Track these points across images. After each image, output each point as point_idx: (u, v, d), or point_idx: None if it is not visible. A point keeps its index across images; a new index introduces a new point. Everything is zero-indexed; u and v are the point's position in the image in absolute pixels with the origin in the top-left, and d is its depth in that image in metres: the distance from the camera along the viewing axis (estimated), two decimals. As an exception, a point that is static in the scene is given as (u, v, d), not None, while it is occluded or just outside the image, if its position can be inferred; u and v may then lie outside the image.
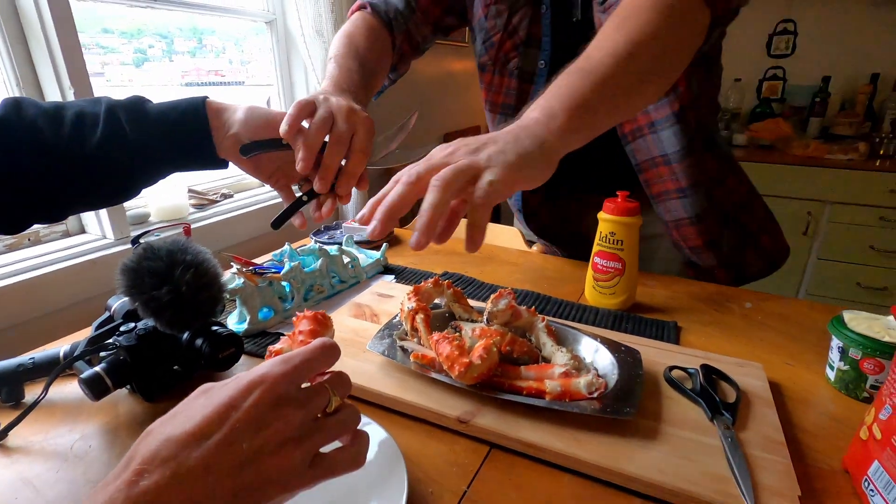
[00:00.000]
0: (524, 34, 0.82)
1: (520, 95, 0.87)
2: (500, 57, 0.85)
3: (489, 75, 0.89)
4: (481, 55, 0.88)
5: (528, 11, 0.80)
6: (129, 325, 0.59)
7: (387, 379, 0.57)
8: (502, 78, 0.87)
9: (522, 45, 0.83)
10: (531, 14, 0.80)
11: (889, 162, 2.02)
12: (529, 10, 0.80)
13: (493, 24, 0.84)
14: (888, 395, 0.41)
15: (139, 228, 1.16)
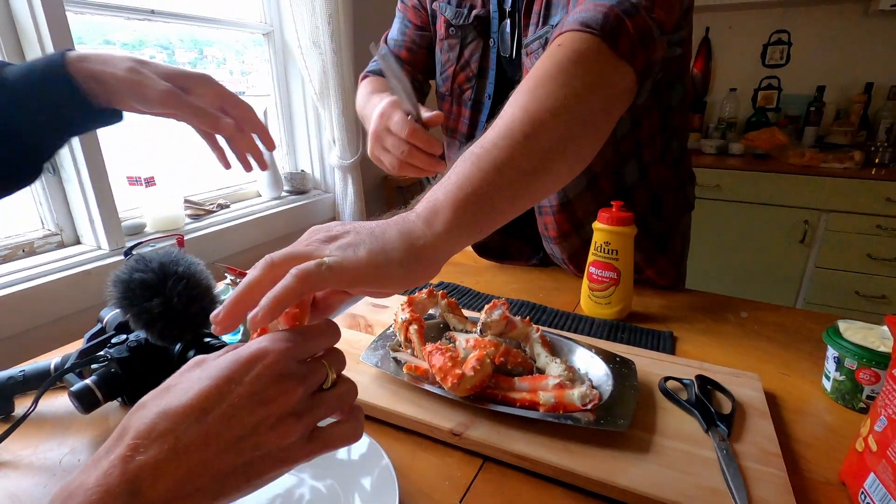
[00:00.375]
0: (476, 67, 0.85)
1: (472, 124, 0.89)
2: (455, 88, 0.89)
3: (447, 104, 0.92)
4: (440, 86, 0.92)
5: (478, 45, 0.83)
6: (121, 336, 0.58)
7: (380, 391, 0.56)
8: (459, 107, 0.90)
9: (475, 77, 0.85)
10: (481, 47, 0.83)
11: (884, 170, 2.03)
12: (480, 43, 0.83)
13: (447, 58, 0.87)
14: (883, 406, 0.41)
15: (134, 239, 1.16)
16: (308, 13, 1.46)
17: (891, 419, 0.40)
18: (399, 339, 0.62)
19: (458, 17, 0.83)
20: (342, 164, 1.70)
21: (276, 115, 1.71)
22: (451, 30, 0.85)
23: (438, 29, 0.87)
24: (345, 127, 1.63)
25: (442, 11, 0.85)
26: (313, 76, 1.54)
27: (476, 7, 0.81)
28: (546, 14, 0.73)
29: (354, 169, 1.73)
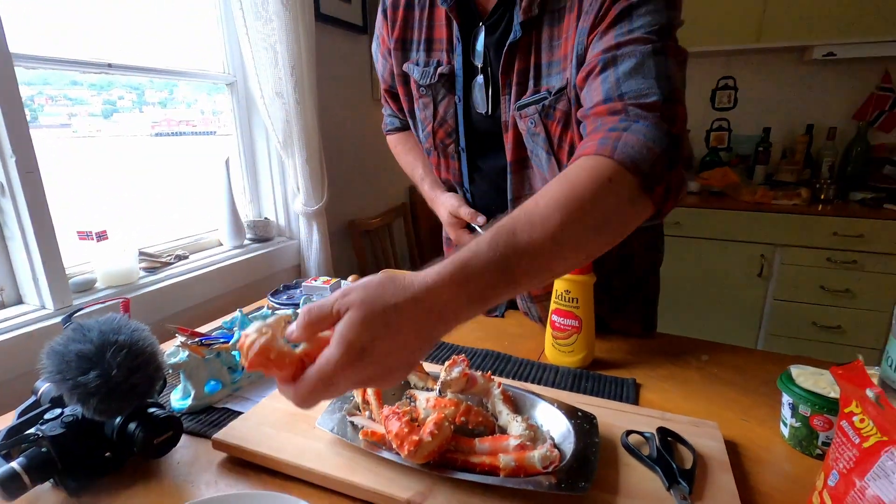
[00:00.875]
0: (452, 122, 0.86)
1: (468, 175, 0.91)
2: (438, 143, 0.90)
3: (434, 158, 0.94)
4: (423, 142, 0.93)
5: (450, 101, 0.85)
6: (56, 411, 0.55)
7: (335, 458, 0.54)
8: (447, 160, 0.92)
9: (454, 131, 0.87)
10: (454, 103, 0.85)
11: (830, 206, 2.14)
12: (451, 99, 0.84)
13: (424, 116, 0.89)
14: (834, 460, 0.41)
15: (83, 296, 1.11)
16: (271, 65, 1.47)
17: (842, 474, 0.40)
18: (357, 402, 0.60)
19: (424, 76, 0.84)
20: (307, 211, 1.68)
21: (239, 163, 1.70)
22: (421, 89, 0.86)
23: (412, 90, 0.89)
24: (309, 175, 1.63)
25: (411, 73, 0.87)
26: (276, 125, 1.54)
27: (442, 64, 0.83)
28: (537, 75, 0.73)
29: (319, 215, 1.72)
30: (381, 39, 0.90)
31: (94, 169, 1.55)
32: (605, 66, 0.61)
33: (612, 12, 0.62)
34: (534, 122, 0.74)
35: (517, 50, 0.73)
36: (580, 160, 0.53)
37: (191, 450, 0.60)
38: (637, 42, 0.60)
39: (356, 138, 2.14)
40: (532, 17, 0.71)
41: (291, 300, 1.05)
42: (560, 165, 0.76)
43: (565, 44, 0.70)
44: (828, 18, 2.08)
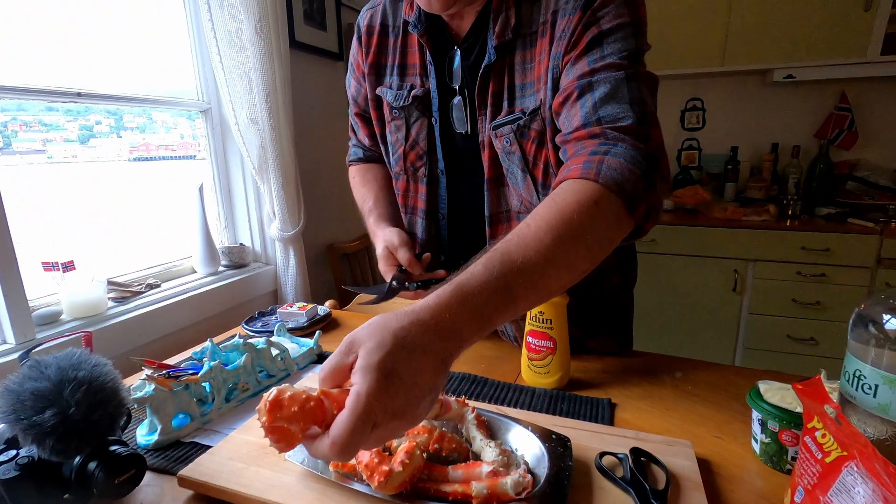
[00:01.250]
0: (425, 144, 0.87)
1: (430, 199, 0.91)
2: (408, 167, 0.90)
3: (402, 183, 0.94)
4: (392, 166, 0.94)
5: (423, 123, 0.85)
6: (10, 453, 0.52)
7: (306, 492, 0.52)
8: (416, 184, 0.92)
9: (425, 154, 0.87)
10: (427, 125, 0.85)
11: (797, 221, 2.21)
12: (425, 121, 0.85)
13: (395, 138, 0.90)
14: (799, 476, 0.42)
15: (48, 329, 1.07)
16: (245, 92, 1.48)
17: (807, 490, 0.40)
18: (328, 431, 0.59)
19: (398, 98, 0.85)
20: (283, 236, 1.67)
21: (214, 189, 1.69)
22: (394, 111, 0.87)
23: (385, 112, 0.89)
24: (285, 200, 1.63)
25: (384, 95, 0.88)
26: (252, 151, 1.54)
27: (416, 87, 0.84)
28: (511, 97, 0.75)
29: (296, 240, 1.71)
30: (356, 65, 0.92)
31: (68, 195, 1.52)
32: (581, 93, 0.64)
33: (584, 39, 0.66)
34: (509, 140, 0.76)
35: (491, 72, 0.76)
36: (567, 183, 0.56)
37: (156, 488, 0.58)
38: (610, 68, 0.63)
39: (334, 162, 2.14)
40: (506, 41, 0.73)
41: (266, 327, 1.04)
42: (535, 182, 0.77)
43: (538, 66, 0.72)
44: (786, 43, 2.18)
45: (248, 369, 0.79)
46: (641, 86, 0.63)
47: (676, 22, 2.31)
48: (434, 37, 0.80)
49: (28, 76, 1.15)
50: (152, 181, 1.73)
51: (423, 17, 0.79)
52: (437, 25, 0.80)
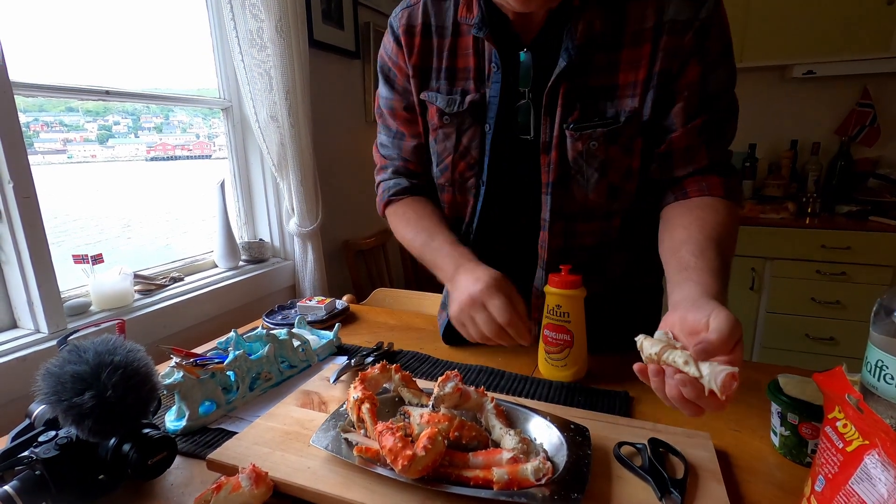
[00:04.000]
0: (476, 153, 0.82)
1: (486, 213, 0.85)
2: (456, 178, 0.85)
3: (448, 195, 0.88)
4: (438, 177, 0.87)
5: (476, 131, 0.80)
6: (50, 433, 0.55)
7: (330, 476, 0.54)
8: (464, 196, 0.86)
9: (477, 164, 0.82)
10: (479, 133, 0.81)
11: (816, 219, 2.18)
12: (477, 129, 0.80)
13: (443, 148, 0.84)
14: (820, 465, 0.42)
15: (77, 319, 1.11)
16: (265, 90, 1.50)
17: (828, 479, 0.41)
18: (351, 419, 0.61)
19: (451, 104, 0.80)
20: (301, 232, 1.70)
21: (234, 186, 1.72)
22: (444, 118, 0.82)
23: (430, 119, 0.84)
24: (303, 196, 1.65)
25: (433, 101, 0.82)
26: (271, 148, 1.57)
27: (470, 92, 0.79)
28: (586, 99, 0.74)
29: (314, 236, 1.73)
30: (397, 67, 0.85)
31: (90, 194, 1.57)
32: (709, 136, 0.74)
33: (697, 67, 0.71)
34: (596, 144, 0.74)
35: (567, 74, 0.73)
36: (717, 200, 0.74)
37: (185, 471, 0.60)
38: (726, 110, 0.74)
39: (350, 160, 2.17)
40: (586, 42, 0.71)
41: (286, 320, 1.06)
42: (610, 186, 0.77)
43: (629, 73, 0.72)
44: (806, 38, 2.14)
45: (270, 359, 0.81)
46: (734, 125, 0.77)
47: (694, 18, 2.29)
48: (498, 39, 0.76)
49: (60, 75, 1.18)
50: (171, 180, 1.77)
51: (487, 19, 0.75)
52: (500, 27, 0.76)
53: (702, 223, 0.69)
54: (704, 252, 0.64)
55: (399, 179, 0.92)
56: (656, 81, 0.71)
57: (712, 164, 0.75)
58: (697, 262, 0.62)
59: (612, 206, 0.80)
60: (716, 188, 0.74)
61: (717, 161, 0.75)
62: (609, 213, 0.81)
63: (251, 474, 0.51)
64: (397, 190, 0.91)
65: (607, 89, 0.74)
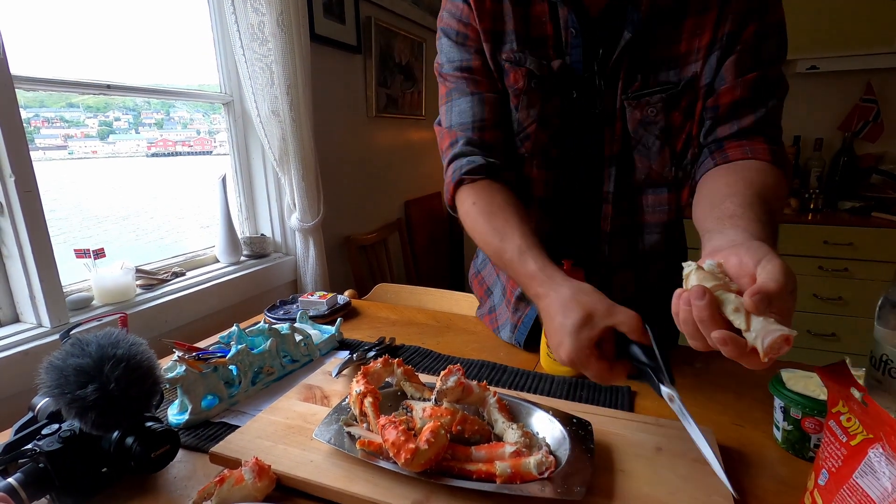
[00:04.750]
0: (558, 122, 0.79)
1: (556, 186, 0.83)
2: (536, 148, 0.81)
3: (526, 168, 0.84)
4: (519, 146, 0.82)
5: (559, 99, 0.79)
6: (53, 427, 0.55)
7: (333, 469, 0.54)
8: (542, 171, 0.83)
9: (558, 133, 0.80)
10: (561, 103, 0.79)
11: (819, 215, 2.18)
12: (558, 99, 0.79)
13: (525, 115, 0.80)
14: (823, 459, 0.42)
15: (79, 314, 1.11)
16: (267, 85, 1.50)
17: (832, 473, 0.41)
18: (354, 413, 0.61)
19: (542, 68, 0.77)
20: (302, 227, 1.70)
21: (235, 181, 1.72)
22: (533, 82, 0.77)
23: (513, 84, 0.79)
24: (305, 191, 1.65)
25: (521, 63, 0.77)
26: (273, 143, 1.56)
27: (552, 58, 0.77)
28: (648, 69, 0.75)
29: (315, 231, 1.73)
30: (469, 28, 0.79)
31: (91, 189, 1.57)
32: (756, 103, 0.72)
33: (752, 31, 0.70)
34: (655, 111, 0.75)
35: (632, 44, 0.73)
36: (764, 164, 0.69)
37: (188, 464, 0.60)
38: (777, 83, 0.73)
39: (351, 155, 2.16)
40: (652, 13, 0.72)
41: (288, 315, 1.06)
42: (672, 153, 0.78)
43: (688, 42, 0.73)
44: (810, 33, 2.13)
45: (272, 353, 0.81)
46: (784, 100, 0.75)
47: (697, 12, 2.28)
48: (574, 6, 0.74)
49: (61, 69, 1.18)
50: (172, 175, 1.77)
51: None
52: None
53: (748, 182, 0.64)
54: (752, 205, 0.58)
55: (473, 156, 0.79)
56: (722, 44, 0.71)
57: (758, 126, 0.71)
58: (745, 213, 0.56)
59: (676, 176, 0.80)
60: (762, 152, 0.70)
61: (763, 125, 0.71)
62: (674, 185, 0.80)
63: (254, 467, 0.51)
64: (471, 168, 0.78)
65: (670, 59, 0.75)
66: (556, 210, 0.85)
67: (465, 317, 1.08)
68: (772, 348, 0.40)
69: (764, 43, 0.71)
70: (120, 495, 0.55)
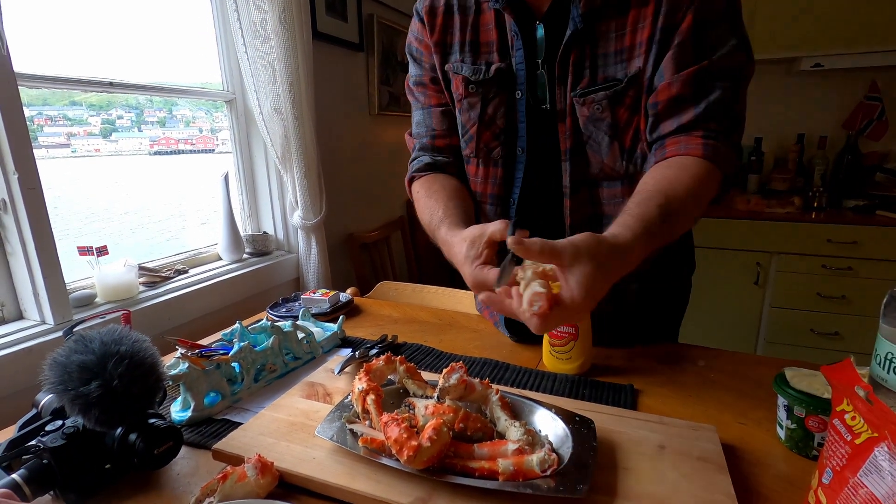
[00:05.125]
0: (502, 122, 0.83)
1: (505, 182, 0.87)
2: (481, 147, 0.86)
3: (474, 167, 0.89)
4: (463, 148, 0.89)
5: (502, 100, 0.82)
6: (56, 423, 0.55)
7: (336, 467, 0.54)
8: (487, 168, 0.87)
9: (502, 132, 0.84)
10: (506, 103, 0.83)
11: (823, 214, 2.17)
12: (504, 98, 0.82)
13: (467, 118, 0.86)
14: (828, 458, 0.42)
15: (82, 311, 1.11)
16: (269, 82, 1.50)
17: (836, 471, 0.40)
18: (356, 410, 0.61)
19: (476, 73, 0.82)
20: (305, 225, 1.70)
21: (237, 178, 1.72)
22: (470, 87, 0.83)
23: (455, 90, 0.86)
24: (307, 189, 1.65)
25: (458, 71, 0.84)
26: (275, 141, 1.56)
27: (494, 62, 0.81)
28: (595, 65, 0.75)
29: (318, 229, 1.73)
30: (422, 44, 0.88)
31: (94, 187, 1.57)
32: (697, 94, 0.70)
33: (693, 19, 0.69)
34: (601, 107, 0.76)
35: (576, 41, 0.75)
36: (693, 159, 0.69)
37: (190, 461, 0.61)
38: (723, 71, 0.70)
39: (354, 152, 2.16)
40: (592, 9, 0.73)
41: (290, 313, 1.06)
42: (622, 148, 0.78)
43: (635, 34, 0.73)
44: (815, 31, 2.12)
45: (275, 351, 0.81)
46: (740, 90, 0.72)
47: (701, 10, 2.27)
48: (516, 10, 0.78)
49: (63, 67, 1.18)
50: (174, 173, 1.77)
51: None
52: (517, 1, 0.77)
53: (661, 178, 0.67)
54: (647, 201, 0.62)
55: (423, 156, 0.92)
56: (659, 37, 0.71)
57: (698, 121, 0.70)
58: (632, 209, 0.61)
59: (629, 170, 0.80)
60: (695, 148, 0.69)
61: (705, 119, 0.70)
62: (626, 178, 0.80)
63: (257, 464, 0.51)
64: (419, 167, 0.91)
65: (617, 54, 0.75)
66: (520, 204, 0.88)
67: (468, 314, 1.08)
68: (529, 301, 0.51)
69: (705, 32, 0.69)
70: (123, 492, 0.55)
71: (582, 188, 0.82)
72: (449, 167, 0.91)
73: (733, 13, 0.70)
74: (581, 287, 0.52)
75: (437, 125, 0.91)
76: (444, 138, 0.91)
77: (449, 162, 0.91)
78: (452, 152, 0.92)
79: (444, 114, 0.91)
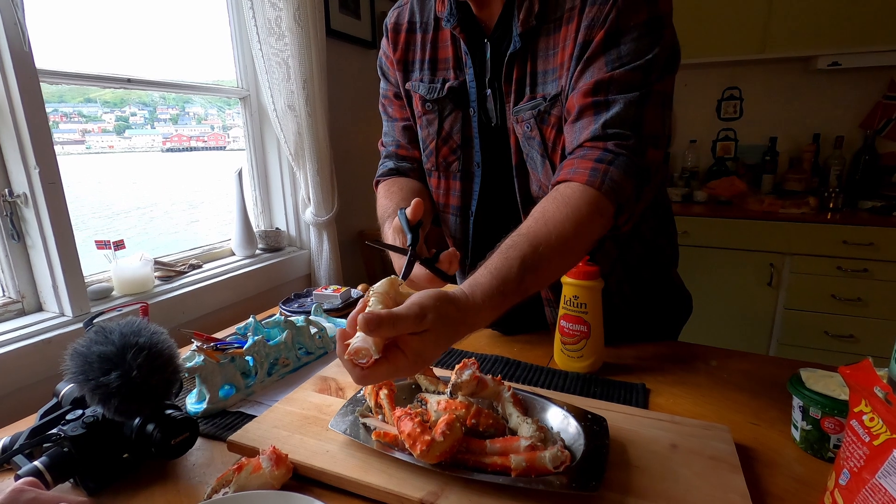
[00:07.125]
0: (459, 137, 0.86)
1: (464, 195, 0.90)
2: (440, 162, 0.90)
3: (434, 179, 0.93)
4: (425, 162, 0.93)
5: (457, 116, 0.85)
6: (77, 412, 0.56)
7: (349, 460, 0.55)
8: (447, 181, 0.91)
9: (459, 147, 0.87)
10: (461, 118, 0.85)
11: (838, 214, 2.13)
12: (459, 114, 0.85)
13: (426, 133, 0.89)
14: (845, 459, 0.41)
15: (100, 304, 1.13)
16: (283, 79, 1.51)
17: (853, 472, 0.40)
18: (369, 404, 0.61)
19: (431, 91, 0.85)
20: (317, 221, 1.71)
21: (251, 175, 1.73)
22: (426, 105, 0.87)
23: (415, 107, 0.90)
24: (319, 186, 1.66)
25: (416, 90, 0.88)
26: (288, 137, 1.57)
27: (449, 80, 0.84)
28: (533, 83, 0.76)
29: (329, 225, 1.74)
30: (388, 60, 0.92)
31: (109, 183, 1.59)
32: (597, 109, 0.67)
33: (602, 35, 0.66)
34: (529, 126, 0.77)
35: (516, 59, 0.76)
36: (579, 188, 0.63)
37: (206, 452, 0.62)
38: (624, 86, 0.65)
39: (365, 149, 2.17)
40: (529, 28, 0.73)
41: (302, 308, 1.07)
42: (553, 167, 0.77)
43: (562, 52, 0.72)
44: (832, 28, 2.09)
45: (288, 345, 0.82)
46: (648, 103, 0.66)
47: (713, 7, 2.24)
48: (467, 29, 0.80)
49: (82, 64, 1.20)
50: (187, 170, 1.79)
51: (455, 11, 0.79)
52: (469, 19, 0.79)
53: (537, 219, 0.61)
54: (513, 249, 0.57)
55: (388, 162, 0.97)
56: (577, 53, 0.69)
57: (596, 137, 0.66)
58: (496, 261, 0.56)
59: None
60: (582, 173, 0.63)
61: (604, 136, 0.65)
62: None
63: (272, 456, 0.52)
64: (383, 172, 0.97)
65: (553, 72, 0.74)
66: (479, 216, 0.90)
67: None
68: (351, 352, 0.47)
69: (616, 47, 0.66)
70: (141, 480, 0.56)
71: (530, 203, 0.82)
72: (412, 172, 0.96)
73: (652, 27, 0.66)
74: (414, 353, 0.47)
75: (401, 138, 0.97)
76: (407, 150, 0.96)
77: (412, 168, 0.96)
78: (416, 161, 0.96)
79: (406, 129, 0.96)
